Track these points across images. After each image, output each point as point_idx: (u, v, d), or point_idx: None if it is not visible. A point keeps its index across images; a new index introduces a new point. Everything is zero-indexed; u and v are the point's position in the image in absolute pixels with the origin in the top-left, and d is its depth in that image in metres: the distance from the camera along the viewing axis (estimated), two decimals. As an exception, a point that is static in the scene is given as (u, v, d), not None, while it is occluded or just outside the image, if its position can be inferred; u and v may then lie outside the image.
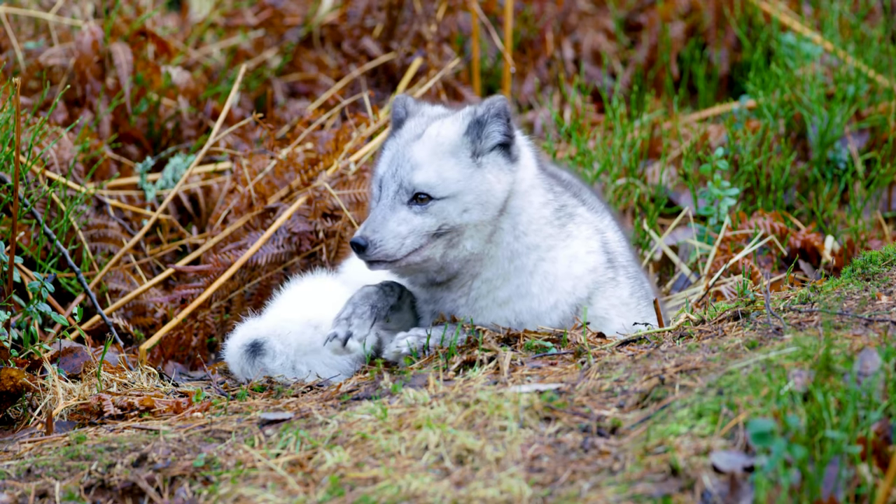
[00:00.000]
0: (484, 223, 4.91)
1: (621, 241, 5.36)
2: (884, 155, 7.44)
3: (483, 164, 4.91)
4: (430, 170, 4.88)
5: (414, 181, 4.87)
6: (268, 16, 8.92)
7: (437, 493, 4.06)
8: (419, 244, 4.88)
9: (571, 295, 5.04)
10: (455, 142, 4.91)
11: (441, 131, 4.94)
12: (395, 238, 4.85)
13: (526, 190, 4.98)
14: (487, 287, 5.00)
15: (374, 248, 4.85)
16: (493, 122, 4.92)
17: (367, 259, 4.87)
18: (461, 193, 4.88)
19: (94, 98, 7.30)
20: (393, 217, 4.87)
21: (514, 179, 4.94)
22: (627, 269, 5.26)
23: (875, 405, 3.97)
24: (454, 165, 4.90)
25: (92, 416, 5.03)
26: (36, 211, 6.17)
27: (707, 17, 9.33)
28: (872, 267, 5.24)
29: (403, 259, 4.87)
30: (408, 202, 4.88)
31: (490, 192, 4.90)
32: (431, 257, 4.91)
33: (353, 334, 4.94)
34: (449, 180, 4.88)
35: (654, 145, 7.89)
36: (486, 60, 9.08)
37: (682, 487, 3.92)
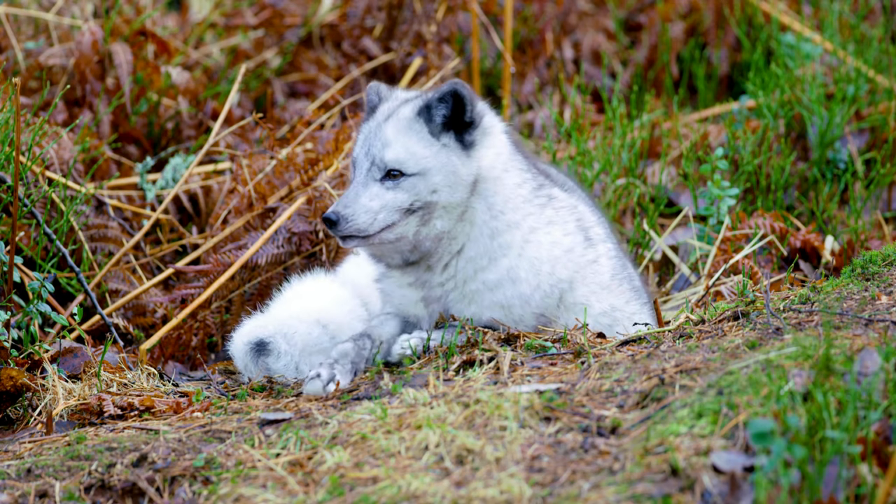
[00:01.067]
0: (453, 204, 4.93)
1: (600, 221, 5.35)
2: (884, 155, 7.44)
3: (448, 145, 4.93)
4: (400, 147, 4.91)
5: (385, 158, 4.90)
6: (268, 16, 8.92)
7: (437, 493, 4.06)
8: (392, 220, 4.89)
9: (552, 276, 5.03)
10: (413, 122, 4.94)
11: (404, 111, 4.97)
12: (368, 213, 4.87)
13: (498, 175, 4.99)
14: (473, 267, 5.00)
15: (346, 222, 4.86)
16: (438, 105, 4.95)
17: (340, 234, 4.87)
18: (430, 172, 4.90)
19: (94, 98, 7.30)
20: (365, 193, 4.89)
21: (479, 165, 4.95)
22: (608, 245, 5.24)
23: (875, 405, 3.97)
24: (418, 141, 4.92)
25: (92, 416, 5.03)
26: (36, 211, 6.17)
27: (707, 17, 9.33)
28: (872, 267, 5.24)
29: (376, 235, 4.89)
30: (380, 179, 4.90)
31: (455, 172, 4.92)
32: (404, 235, 4.92)
33: (336, 379, 4.91)
34: (418, 156, 4.90)
35: (654, 145, 7.89)
36: (485, 60, 9.08)
37: (682, 487, 3.92)
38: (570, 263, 5.08)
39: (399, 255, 5.01)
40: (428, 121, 4.94)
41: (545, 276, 5.03)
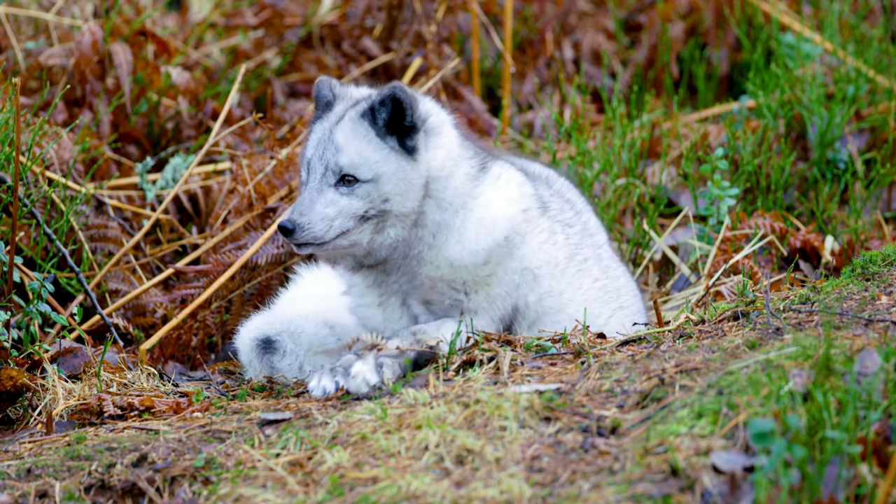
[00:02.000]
0: (406, 212, 4.89)
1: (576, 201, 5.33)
2: (883, 155, 7.44)
3: (395, 149, 4.89)
4: (353, 151, 4.87)
5: (340, 162, 4.86)
6: (268, 16, 8.92)
7: (437, 493, 4.06)
8: (347, 227, 4.85)
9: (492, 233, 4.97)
10: (360, 127, 4.89)
11: (352, 115, 4.92)
12: (323, 220, 4.83)
13: (449, 172, 4.96)
14: (417, 260, 4.97)
15: (302, 231, 4.82)
16: (380, 109, 4.89)
17: (295, 242, 4.84)
18: (381, 178, 4.85)
19: (94, 98, 7.30)
20: (320, 199, 4.85)
21: (429, 166, 4.92)
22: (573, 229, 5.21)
23: (875, 405, 3.98)
24: (368, 145, 4.87)
25: (92, 417, 5.03)
26: (36, 211, 6.17)
27: (707, 17, 9.33)
28: (872, 267, 5.24)
29: (331, 242, 4.85)
30: (335, 184, 4.87)
31: (406, 179, 4.89)
32: (358, 242, 4.88)
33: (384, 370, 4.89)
34: (370, 161, 4.86)
35: (654, 145, 7.89)
36: (485, 60, 9.08)
37: (682, 487, 3.92)
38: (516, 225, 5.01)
39: (352, 259, 4.98)
40: (372, 124, 4.89)
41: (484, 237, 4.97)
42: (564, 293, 5.11)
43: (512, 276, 4.99)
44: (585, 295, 5.16)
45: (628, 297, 5.37)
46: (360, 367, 4.76)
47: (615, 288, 5.29)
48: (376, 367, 4.77)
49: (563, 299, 5.11)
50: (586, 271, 5.17)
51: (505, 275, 4.98)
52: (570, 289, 5.13)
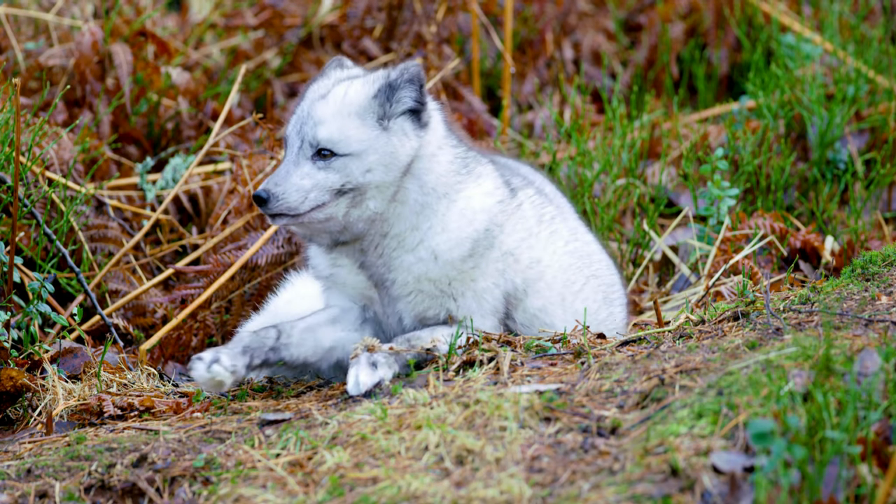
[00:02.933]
0: (387, 184, 4.88)
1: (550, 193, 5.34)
2: (884, 155, 7.45)
3: (389, 128, 4.88)
4: (334, 126, 4.85)
5: (318, 136, 4.84)
6: (268, 16, 8.92)
7: (437, 494, 4.06)
8: (322, 200, 4.84)
9: (473, 223, 4.97)
10: (362, 103, 4.88)
11: (349, 91, 4.91)
12: (298, 191, 4.82)
13: (433, 153, 4.95)
14: (397, 241, 4.96)
15: (277, 200, 4.81)
16: (406, 87, 4.90)
17: (270, 212, 4.82)
18: (365, 153, 4.85)
19: (94, 98, 7.30)
20: (296, 171, 4.84)
21: (420, 144, 4.91)
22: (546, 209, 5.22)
23: (875, 405, 3.98)
24: (359, 126, 4.87)
25: (92, 417, 5.03)
26: (36, 211, 6.17)
27: (707, 17, 9.33)
28: (872, 267, 5.24)
29: (306, 214, 4.83)
30: (311, 157, 4.85)
31: (394, 154, 4.87)
32: (334, 216, 4.87)
33: (220, 360, 4.86)
34: (352, 138, 4.85)
35: (654, 146, 7.89)
36: (485, 61, 9.08)
37: (682, 488, 3.92)
38: (493, 216, 5.02)
39: (328, 236, 4.95)
40: (386, 102, 4.89)
41: (465, 228, 4.97)
42: (542, 260, 5.10)
43: (495, 266, 4.99)
44: (560, 261, 5.15)
45: (601, 265, 5.34)
46: (354, 370, 4.77)
47: (587, 253, 5.28)
48: (370, 364, 4.77)
49: (542, 267, 5.10)
50: (557, 233, 5.17)
51: (488, 266, 4.98)
52: (545, 255, 5.12)
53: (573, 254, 5.22)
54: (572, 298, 5.16)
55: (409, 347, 4.86)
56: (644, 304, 6.54)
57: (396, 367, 4.79)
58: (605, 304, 5.31)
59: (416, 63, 4.91)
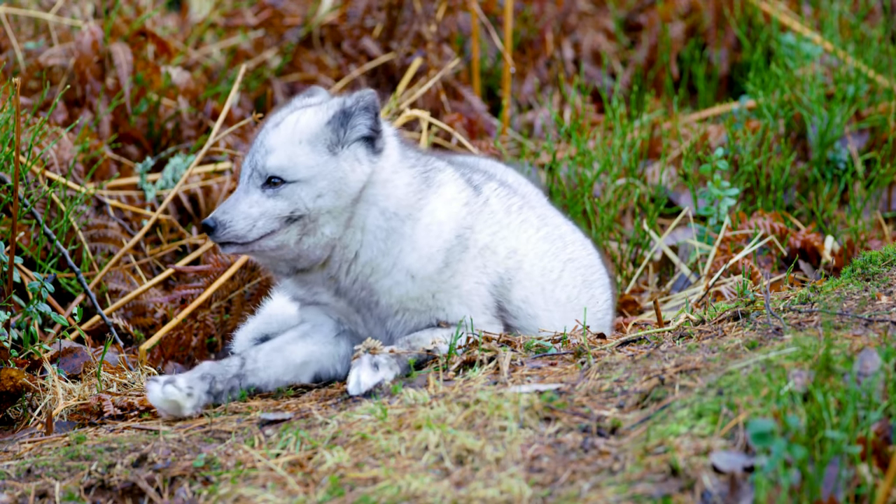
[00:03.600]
0: (339, 209, 4.87)
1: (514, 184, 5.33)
2: (883, 155, 7.45)
3: (340, 154, 4.87)
4: (283, 154, 4.85)
5: (267, 164, 4.85)
6: (267, 16, 8.92)
7: (436, 494, 4.06)
8: (271, 228, 4.84)
9: (441, 235, 4.96)
10: (314, 130, 4.88)
11: (301, 119, 4.91)
12: (246, 220, 4.82)
13: (387, 178, 4.93)
14: (370, 268, 4.95)
15: (224, 228, 4.81)
16: (361, 114, 4.90)
17: (218, 240, 4.83)
18: (314, 178, 4.84)
19: (94, 98, 7.30)
20: (245, 199, 4.85)
21: (373, 170, 4.90)
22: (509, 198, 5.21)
23: (875, 405, 3.98)
24: (308, 152, 4.86)
25: (92, 417, 5.03)
26: (36, 211, 6.17)
27: (707, 17, 9.33)
28: (872, 267, 5.24)
29: (255, 242, 4.83)
30: (261, 186, 4.86)
31: (343, 179, 4.86)
32: (286, 243, 4.86)
33: (175, 382, 4.82)
34: (300, 164, 4.84)
35: (654, 145, 7.89)
36: (485, 60, 9.08)
37: (682, 487, 3.92)
38: (461, 220, 5.01)
39: (285, 264, 4.96)
40: (340, 128, 4.88)
41: (435, 242, 4.95)
42: (518, 250, 5.10)
43: (475, 264, 4.99)
44: (536, 248, 5.14)
45: (575, 247, 5.33)
46: (356, 371, 4.77)
47: (559, 236, 5.27)
48: (372, 366, 4.77)
49: (519, 256, 5.10)
50: (527, 221, 5.16)
51: (468, 267, 4.98)
52: (520, 243, 5.11)
53: (546, 239, 5.20)
54: (552, 287, 5.15)
55: (409, 349, 4.86)
56: (644, 303, 6.54)
57: (398, 369, 4.80)
58: (584, 287, 5.29)
59: (371, 91, 4.90)
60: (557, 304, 5.13)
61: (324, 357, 5.04)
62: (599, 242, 6.95)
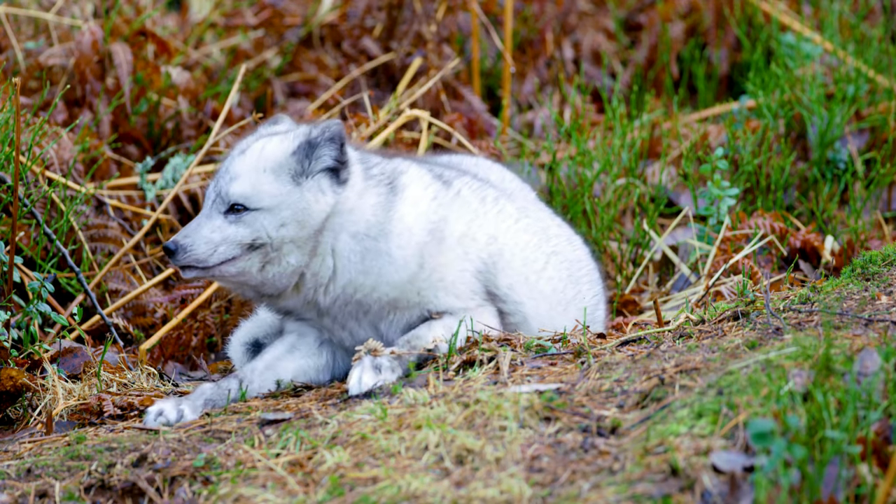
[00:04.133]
0: (302, 239, 4.87)
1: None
2: (883, 155, 7.45)
3: (304, 185, 4.87)
4: (247, 182, 4.85)
5: (230, 192, 4.85)
6: (268, 16, 8.92)
7: (436, 493, 4.06)
8: (232, 254, 4.84)
9: (412, 239, 4.94)
10: (279, 159, 4.87)
11: (266, 147, 4.91)
12: (207, 244, 4.83)
13: (353, 206, 4.92)
14: (353, 287, 4.94)
15: (185, 252, 4.82)
16: (326, 145, 4.89)
17: (178, 264, 4.84)
18: (277, 208, 4.84)
19: (94, 98, 7.30)
20: (207, 224, 4.85)
21: (337, 200, 4.90)
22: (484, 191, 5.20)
23: (875, 405, 3.98)
24: (272, 181, 4.86)
25: (92, 416, 5.03)
26: (36, 211, 6.17)
27: (707, 17, 9.33)
28: (872, 267, 5.24)
29: (216, 267, 4.84)
30: (224, 212, 4.86)
31: (307, 210, 4.86)
32: (247, 270, 4.87)
33: (185, 414, 4.83)
34: (264, 193, 4.84)
35: (654, 145, 7.89)
36: (485, 60, 9.08)
37: (682, 487, 3.92)
38: (431, 215, 5.00)
39: (250, 289, 4.96)
40: (305, 159, 4.87)
41: (407, 246, 4.94)
42: (497, 237, 5.08)
43: (455, 253, 4.98)
44: (515, 238, 5.12)
45: (560, 240, 5.29)
46: (357, 371, 4.78)
47: (541, 229, 5.24)
48: (374, 368, 4.78)
49: (499, 244, 5.08)
50: (504, 211, 5.14)
51: (448, 257, 4.97)
52: (499, 232, 5.09)
53: (527, 230, 5.18)
54: (535, 278, 5.13)
55: (410, 349, 4.86)
56: (644, 303, 6.54)
57: (400, 371, 4.80)
58: (570, 282, 5.26)
59: (338, 122, 4.89)
60: (543, 295, 5.12)
61: (310, 369, 5.07)
62: (599, 242, 6.95)
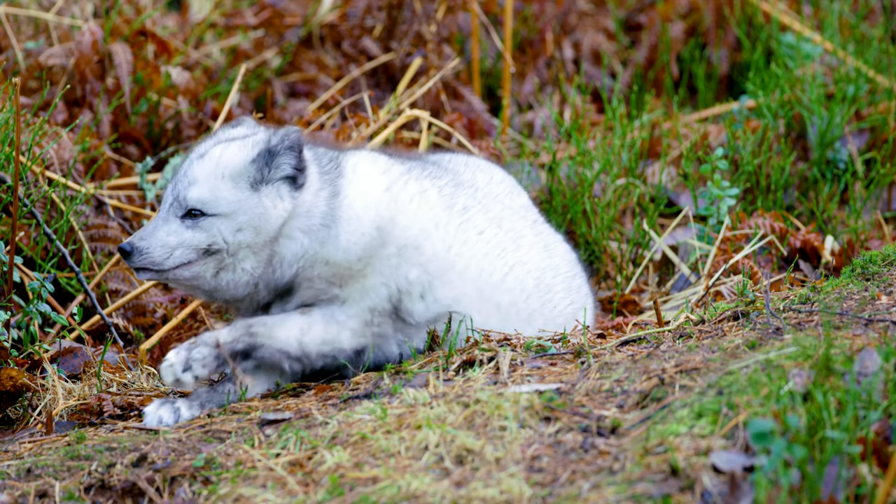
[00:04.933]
0: (259, 245, 4.88)
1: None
2: (883, 155, 7.45)
3: (262, 191, 4.87)
4: (205, 188, 4.86)
5: (188, 196, 4.85)
6: (268, 16, 8.92)
7: (436, 493, 4.06)
8: (188, 258, 4.85)
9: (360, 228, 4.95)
10: (238, 166, 4.88)
11: (225, 154, 4.91)
12: (163, 248, 4.83)
13: (309, 207, 4.92)
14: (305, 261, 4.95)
15: (140, 254, 4.82)
16: (285, 154, 4.89)
17: (134, 266, 4.84)
18: (234, 213, 4.85)
19: (94, 98, 7.30)
20: (164, 227, 4.86)
21: (295, 205, 4.91)
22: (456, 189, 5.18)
23: (875, 405, 3.98)
24: (231, 187, 4.86)
25: (92, 416, 5.03)
26: (36, 211, 6.17)
27: (707, 16, 9.33)
28: (872, 267, 5.24)
29: (171, 271, 4.84)
30: (181, 217, 4.86)
31: (264, 216, 4.87)
32: (202, 275, 4.87)
33: (181, 412, 4.85)
34: (222, 199, 4.85)
35: (654, 145, 7.89)
36: (485, 60, 9.08)
37: (682, 487, 3.92)
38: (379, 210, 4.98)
39: (203, 294, 4.98)
40: (265, 167, 4.88)
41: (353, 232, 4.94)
42: (451, 248, 5.06)
43: (388, 262, 4.96)
44: (473, 251, 5.09)
45: (532, 249, 5.24)
46: (173, 358, 4.80)
47: (511, 239, 5.20)
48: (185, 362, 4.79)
49: (451, 255, 5.05)
50: (468, 223, 5.11)
51: (381, 263, 4.96)
52: (456, 243, 5.07)
53: (489, 241, 5.12)
54: (491, 290, 5.10)
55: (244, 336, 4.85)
56: (644, 303, 6.55)
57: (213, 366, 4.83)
58: (537, 292, 5.22)
59: (296, 129, 4.90)
60: (498, 307, 5.08)
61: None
62: (599, 242, 6.95)
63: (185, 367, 4.83)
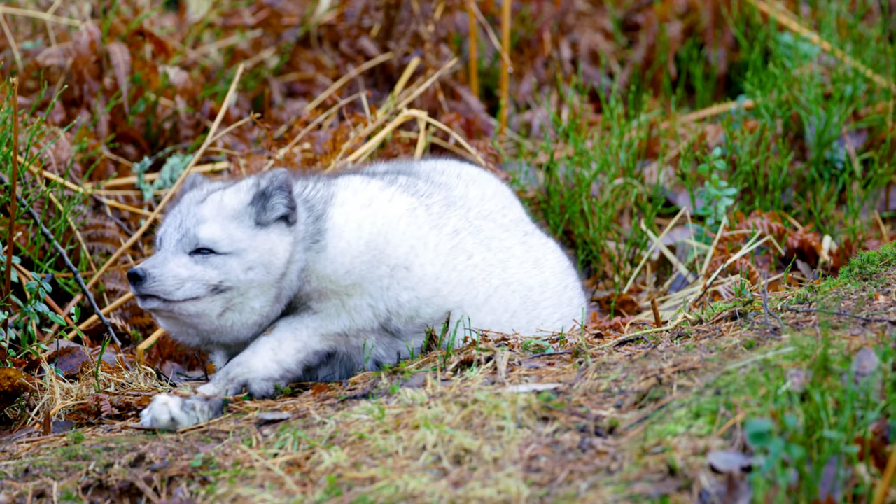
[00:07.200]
0: (268, 284, 4.90)
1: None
2: (881, 155, 7.45)
3: (266, 229, 4.92)
4: (216, 226, 4.89)
5: (199, 234, 4.87)
6: (265, 16, 8.92)
7: (434, 493, 4.06)
8: (197, 293, 4.85)
9: (352, 245, 4.97)
10: (238, 208, 4.93)
11: (224, 198, 4.96)
12: (175, 278, 4.83)
13: (302, 236, 4.98)
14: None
15: (153, 281, 4.80)
16: (277, 194, 4.94)
17: (143, 292, 4.81)
18: (245, 251, 4.88)
19: (92, 98, 7.30)
20: (174, 260, 4.86)
21: (293, 238, 4.95)
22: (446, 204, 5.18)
23: (873, 405, 3.98)
24: (237, 227, 4.90)
25: (89, 416, 5.03)
26: (33, 211, 6.17)
27: (704, 16, 9.33)
28: (870, 267, 5.24)
29: (178, 303, 4.83)
30: (190, 252, 4.87)
31: (272, 252, 4.89)
32: (207, 313, 4.88)
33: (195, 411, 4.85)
34: (233, 238, 4.88)
35: (652, 145, 7.89)
36: (483, 60, 9.08)
37: (680, 487, 3.92)
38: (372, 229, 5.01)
39: (198, 337, 4.99)
40: (262, 210, 4.92)
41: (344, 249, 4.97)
42: (440, 277, 5.07)
43: (380, 283, 4.99)
44: (460, 277, 5.09)
45: (520, 269, 5.25)
46: (166, 399, 4.78)
47: (500, 261, 5.21)
48: (184, 405, 4.77)
49: (439, 284, 5.06)
50: (457, 248, 5.12)
51: (370, 284, 4.99)
52: (444, 271, 5.08)
53: (476, 266, 5.13)
54: (474, 311, 5.10)
55: (227, 384, 4.87)
56: (642, 303, 6.55)
57: (211, 415, 4.81)
58: (523, 309, 5.22)
59: (283, 170, 4.96)
60: (481, 327, 5.10)
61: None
62: (597, 242, 6.95)
63: (182, 407, 4.80)
